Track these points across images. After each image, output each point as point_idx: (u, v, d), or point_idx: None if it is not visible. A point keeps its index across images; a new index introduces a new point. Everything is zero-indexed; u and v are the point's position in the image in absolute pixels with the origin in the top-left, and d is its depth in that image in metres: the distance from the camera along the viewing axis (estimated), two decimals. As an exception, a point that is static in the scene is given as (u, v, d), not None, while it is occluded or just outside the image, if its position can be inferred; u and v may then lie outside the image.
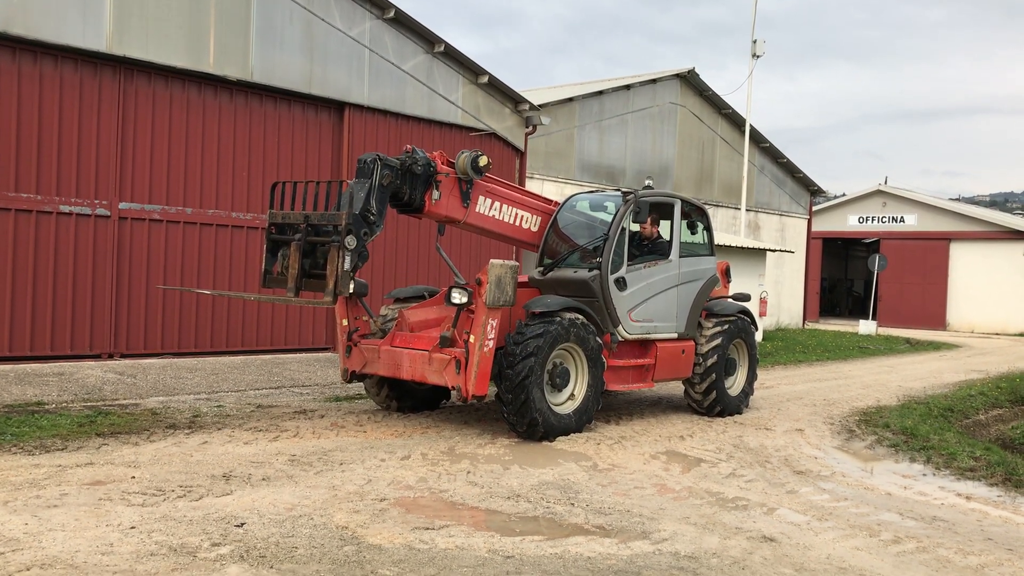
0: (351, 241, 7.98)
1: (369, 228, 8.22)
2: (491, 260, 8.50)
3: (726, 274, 12.17)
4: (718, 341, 10.91)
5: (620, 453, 8.59)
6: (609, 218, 10.26)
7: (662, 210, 10.84)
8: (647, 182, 11.19)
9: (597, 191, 11.67)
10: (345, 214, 8.01)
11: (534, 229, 10.34)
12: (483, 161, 9.06)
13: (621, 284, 10.03)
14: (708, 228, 11.39)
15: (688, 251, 10.98)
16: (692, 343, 10.89)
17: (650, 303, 10.42)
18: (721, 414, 11.03)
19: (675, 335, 10.71)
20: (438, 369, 8.81)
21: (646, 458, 8.45)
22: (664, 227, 10.95)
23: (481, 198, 9.48)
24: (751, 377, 11.67)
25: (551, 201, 10.76)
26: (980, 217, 36.75)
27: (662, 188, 25.43)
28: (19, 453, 7.32)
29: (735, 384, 11.46)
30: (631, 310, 10.17)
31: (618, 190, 10.94)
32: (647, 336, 10.41)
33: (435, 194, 8.89)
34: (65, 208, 11.56)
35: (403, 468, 7.45)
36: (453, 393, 8.81)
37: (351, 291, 8.12)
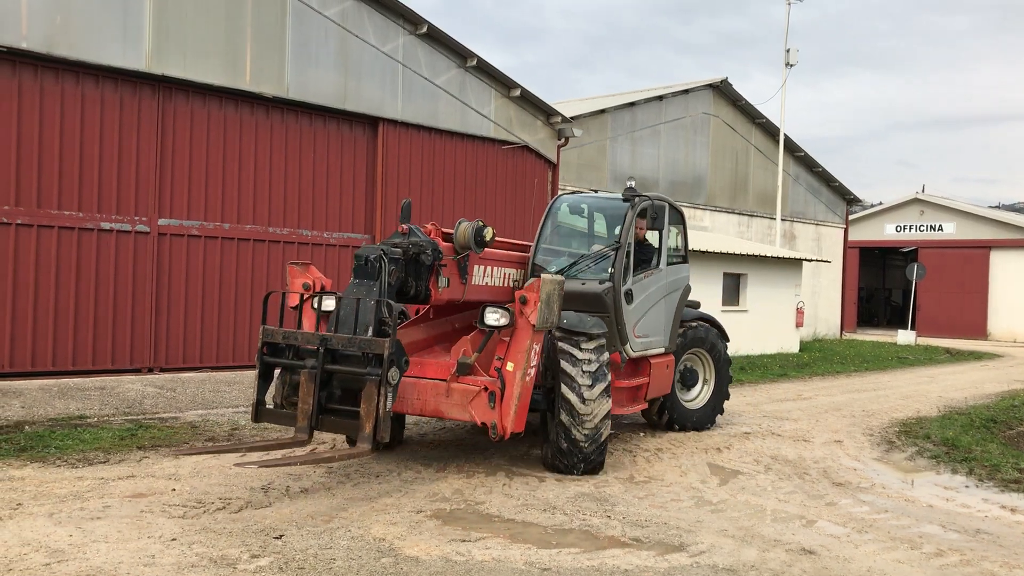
0: (395, 375, 6.39)
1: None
2: (542, 275, 7.29)
3: None
4: None
5: (656, 465, 8.54)
6: (605, 223, 9.53)
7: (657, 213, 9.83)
8: (629, 183, 10.08)
9: (588, 192, 10.98)
10: (388, 341, 6.32)
11: (518, 283, 8.99)
12: (489, 234, 7.76)
13: (629, 297, 9.06)
14: (685, 232, 10.40)
15: (671, 258, 10.01)
16: (673, 357, 10.00)
17: (648, 316, 9.44)
18: (682, 429, 10.35)
19: (663, 350, 9.81)
20: (460, 402, 7.34)
21: (683, 470, 8.40)
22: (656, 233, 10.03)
23: (476, 268, 8.21)
24: (720, 390, 10.75)
25: (527, 247, 9.67)
26: (1021, 224, 36.13)
27: (696, 199, 25.34)
28: (63, 466, 7.46)
29: (698, 398, 10.66)
30: (635, 325, 9.23)
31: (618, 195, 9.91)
32: (644, 353, 9.42)
33: (442, 281, 7.59)
34: (106, 225, 11.78)
35: (439, 480, 7.47)
36: (490, 432, 7.20)
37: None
